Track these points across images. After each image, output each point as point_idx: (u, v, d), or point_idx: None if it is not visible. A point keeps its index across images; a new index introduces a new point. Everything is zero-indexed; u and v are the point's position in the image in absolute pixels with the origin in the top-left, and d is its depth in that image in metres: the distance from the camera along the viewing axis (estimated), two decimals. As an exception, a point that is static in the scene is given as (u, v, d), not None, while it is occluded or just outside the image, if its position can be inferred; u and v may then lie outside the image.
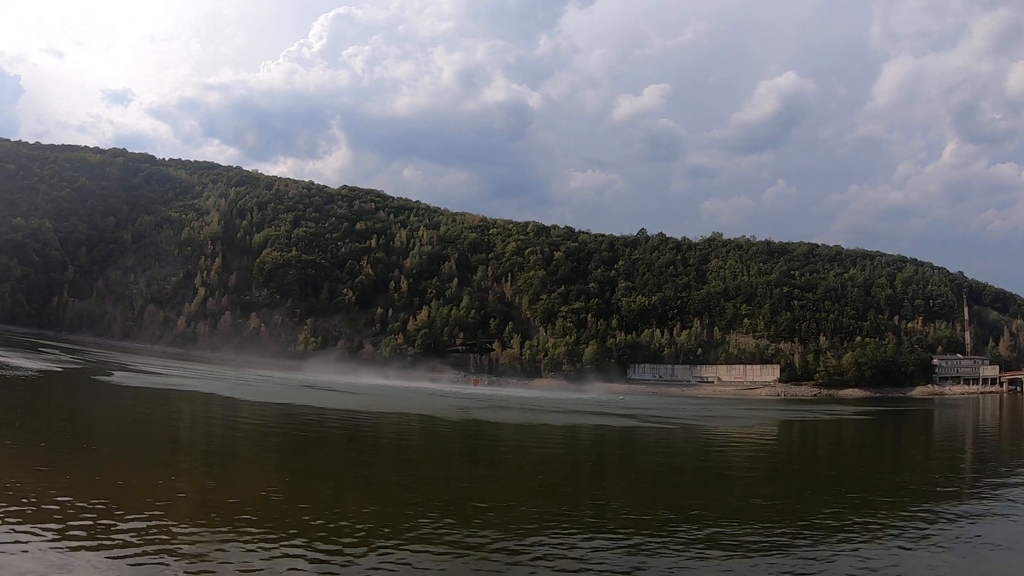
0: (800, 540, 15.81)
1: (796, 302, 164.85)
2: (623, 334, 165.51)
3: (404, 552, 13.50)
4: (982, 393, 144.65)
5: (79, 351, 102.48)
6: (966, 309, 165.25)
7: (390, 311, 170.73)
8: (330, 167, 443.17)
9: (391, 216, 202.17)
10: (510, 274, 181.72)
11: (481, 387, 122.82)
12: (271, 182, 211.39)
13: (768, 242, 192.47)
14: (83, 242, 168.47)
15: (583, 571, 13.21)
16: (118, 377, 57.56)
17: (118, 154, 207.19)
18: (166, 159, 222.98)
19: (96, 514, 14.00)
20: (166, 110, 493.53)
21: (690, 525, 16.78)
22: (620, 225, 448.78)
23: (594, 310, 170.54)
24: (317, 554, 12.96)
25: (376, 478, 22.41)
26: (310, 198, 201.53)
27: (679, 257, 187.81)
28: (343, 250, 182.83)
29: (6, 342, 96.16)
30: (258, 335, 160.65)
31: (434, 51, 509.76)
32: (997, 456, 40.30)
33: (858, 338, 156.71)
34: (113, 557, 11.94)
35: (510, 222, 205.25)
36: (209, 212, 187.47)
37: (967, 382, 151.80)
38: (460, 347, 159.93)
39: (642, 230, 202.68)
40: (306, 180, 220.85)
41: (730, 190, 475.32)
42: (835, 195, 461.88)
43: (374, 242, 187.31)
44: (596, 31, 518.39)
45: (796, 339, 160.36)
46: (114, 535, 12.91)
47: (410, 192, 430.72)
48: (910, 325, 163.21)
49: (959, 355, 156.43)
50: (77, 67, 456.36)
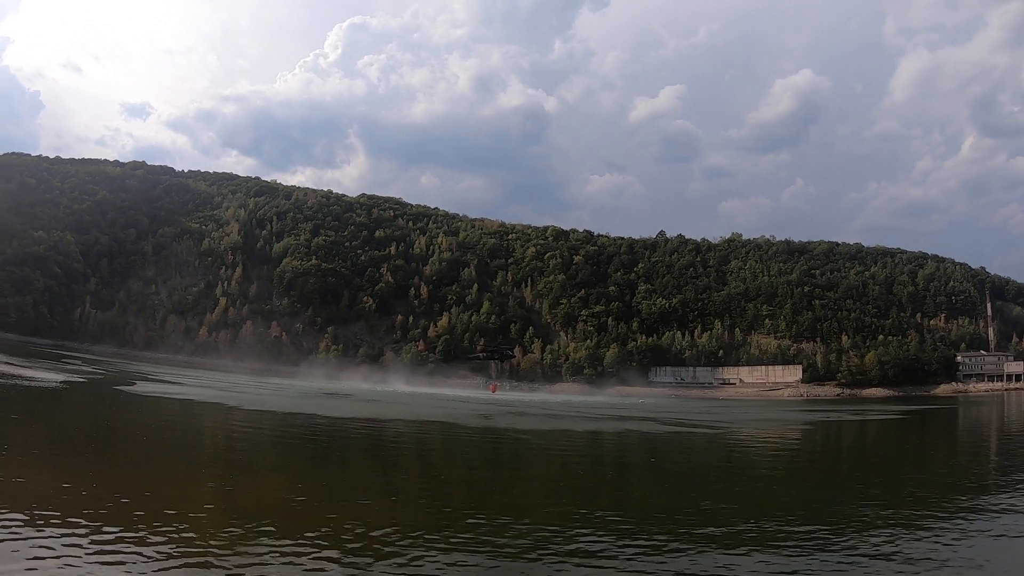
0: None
1: (817, 301, 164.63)
2: (644, 337, 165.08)
3: (428, 556, 13.37)
4: (1007, 390, 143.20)
5: (101, 362, 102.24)
6: (989, 305, 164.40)
7: (410, 318, 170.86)
8: (348, 176, 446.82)
9: (410, 223, 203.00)
10: (530, 279, 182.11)
11: (500, 393, 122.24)
12: (290, 192, 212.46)
13: (788, 242, 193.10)
14: (104, 254, 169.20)
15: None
16: (140, 387, 57.18)
17: (137, 166, 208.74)
18: (185, 171, 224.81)
19: (122, 524, 13.82)
20: (184, 122, 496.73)
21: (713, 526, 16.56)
22: (638, 227, 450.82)
23: (614, 313, 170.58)
24: (342, 560, 12.87)
25: (398, 484, 22.21)
26: (329, 207, 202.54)
27: (698, 259, 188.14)
28: (363, 258, 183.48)
29: (29, 353, 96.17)
30: (279, 344, 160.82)
31: (449, 58, 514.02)
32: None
33: (880, 337, 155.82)
34: (141, 566, 11.85)
35: (529, 227, 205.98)
36: (229, 222, 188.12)
37: (991, 379, 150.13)
38: (481, 354, 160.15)
39: (661, 232, 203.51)
40: (324, 189, 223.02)
41: (748, 190, 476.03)
42: (854, 193, 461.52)
43: (393, 249, 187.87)
44: (610, 34, 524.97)
45: (818, 339, 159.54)
46: (141, 545, 12.77)
47: (428, 199, 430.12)
48: (933, 322, 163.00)
49: (983, 352, 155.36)
50: (96, 81, 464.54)
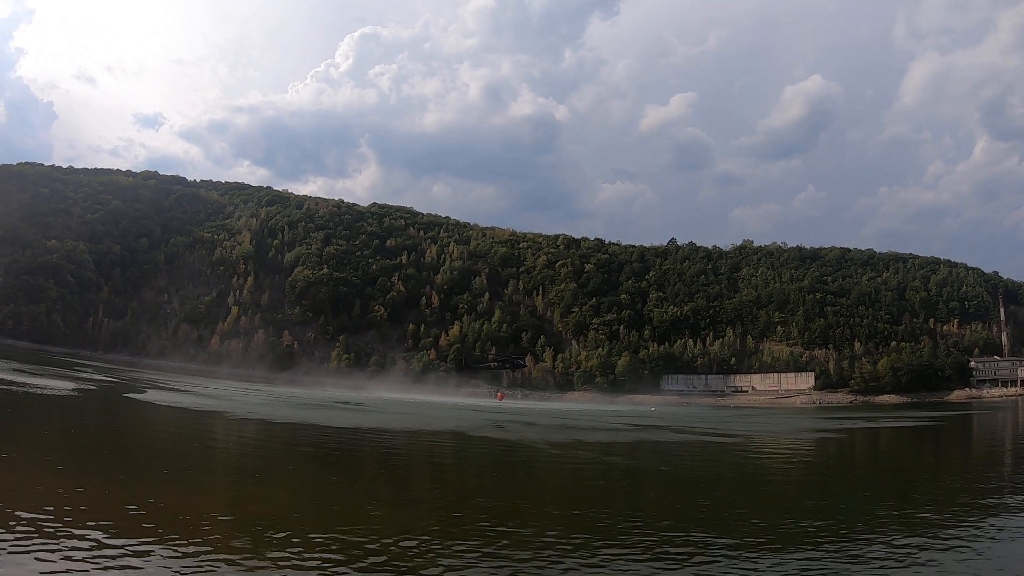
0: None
1: (829, 308, 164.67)
2: (655, 345, 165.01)
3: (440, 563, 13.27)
4: (1021, 395, 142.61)
5: (113, 370, 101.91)
6: (1002, 310, 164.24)
7: (422, 327, 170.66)
8: (360, 185, 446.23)
9: (421, 232, 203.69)
10: (541, 287, 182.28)
11: (508, 401, 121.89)
12: (301, 201, 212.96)
13: (799, 248, 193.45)
14: (117, 263, 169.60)
15: None
16: (151, 395, 56.63)
17: (150, 176, 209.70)
18: (197, 180, 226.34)
19: (130, 533, 13.62)
20: (196, 132, 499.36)
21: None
22: (650, 236, 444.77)
23: (626, 321, 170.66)
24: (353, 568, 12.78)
25: (406, 494, 21.98)
26: (340, 216, 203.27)
27: (710, 266, 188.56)
28: (374, 267, 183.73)
29: (42, 361, 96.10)
30: (291, 353, 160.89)
31: (460, 67, 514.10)
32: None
33: (893, 343, 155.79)
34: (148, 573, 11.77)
35: (540, 235, 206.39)
36: (240, 232, 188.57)
37: (1005, 384, 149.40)
38: (492, 363, 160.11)
39: (672, 240, 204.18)
40: (336, 199, 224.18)
41: (759, 197, 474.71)
42: (865, 198, 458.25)
43: (405, 258, 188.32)
44: (620, 42, 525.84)
45: (830, 346, 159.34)
46: (150, 553, 12.63)
47: (439, 208, 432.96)
48: (946, 328, 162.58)
49: (996, 357, 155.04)
50: (108, 92, 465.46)
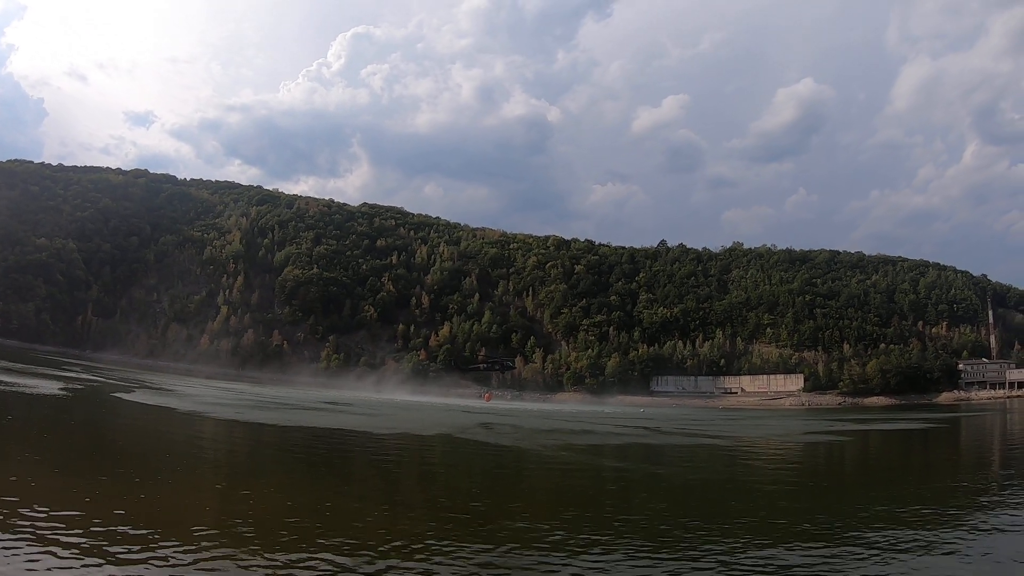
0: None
1: (819, 310, 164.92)
2: (645, 346, 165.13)
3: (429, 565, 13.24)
4: (1009, 397, 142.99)
5: (102, 369, 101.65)
6: (991, 312, 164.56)
7: (412, 327, 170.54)
8: (351, 185, 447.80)
9: (411, 233, 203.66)
10: (531, 288, 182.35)
11: (496, 402, 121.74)
12: (292, 201, 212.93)
13: (789, 250, 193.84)
14: (106, 261, 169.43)
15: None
16: (138, 396, 56.23)
17: (140, 175, 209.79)
18: (187, 179, 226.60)
19: (117, 534, 13.62)
20: (188, 131, 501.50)
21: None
22: (642, 237, 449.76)
23: (616, 323, 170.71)
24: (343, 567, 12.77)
25: (396, 494, 21.98)
26: (331, 216, 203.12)
27: (700, 268, 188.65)
28: (364, 267, 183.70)
29: (30, 360, 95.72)
30: (281, 352, 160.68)
31: (453, 68, 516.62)
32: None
33: (882, 345, 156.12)
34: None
35: (530, 236, 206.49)
36: (231, 231, 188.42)
37: (993, 387, 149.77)
38: (481, 364, 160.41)
39: (662, 241, 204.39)
40: (326, 198, 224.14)
41: (751, 200, 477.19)
42: (857, 202, 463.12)
43: (395, 259, 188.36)
44: (614, 43, 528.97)
45: (820, 348, 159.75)
46: (138, 554, 12.63)
47: (431, 208, 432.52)
48: (934, 330, 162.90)
49: (985, 359, 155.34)
50: (100, 90, 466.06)
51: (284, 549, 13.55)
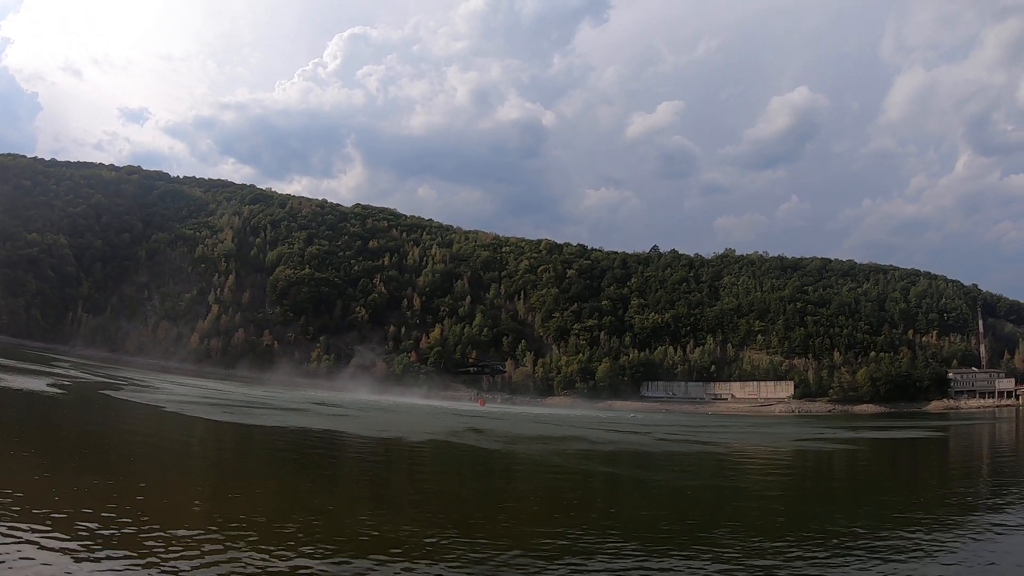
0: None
1: (810, 318, 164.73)
2: (636, 351, 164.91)
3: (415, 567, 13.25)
4: (998, 406, 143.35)
5: (90, 366, 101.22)
6: (981, 322, 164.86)
7: (403, 329, 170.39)
8: (345, 186, 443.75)
9: (404, 234, 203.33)
10: (523, 292, 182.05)
11: (489, 406, 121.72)
12: (284, 200, 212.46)
13: (781, 258, 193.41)
14: (98, 258, 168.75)
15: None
16: (125, 393, 56.26)
17: (133, 171, 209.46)
18: (180, 177, 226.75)
19: (102, 533, 13.64)
20: (182, 128, 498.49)
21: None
22: (634, 243, 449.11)
23: (607, 328, 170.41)
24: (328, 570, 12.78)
25: (384, 495, 22.05)
26: (323, 216, 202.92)
27: (692, 274, 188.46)
28: (356, 268, 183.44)
29: (17, 355, 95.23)
30: (271, 352, 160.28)
31: (448, 70, 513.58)
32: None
33: (872, 353, 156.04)
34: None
35: (523, 240, 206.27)
36: (223, 230, 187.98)
37: (983, 395, 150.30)
38: (471, 368, 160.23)
39: (654, 247, 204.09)
40: (320, 198, 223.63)
41: (744, 206, 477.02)
42: (849, 210, 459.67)
43: (387, 260, 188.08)
44: (609, 49, 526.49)
45: (810, 355, 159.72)
46: (127, 549, 12.70)
47: (425, 210, 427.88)
48: (924, 339, 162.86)
49: (974, 368, 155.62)
50: (94, 85, 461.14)
51: (267, 550, 13.55)
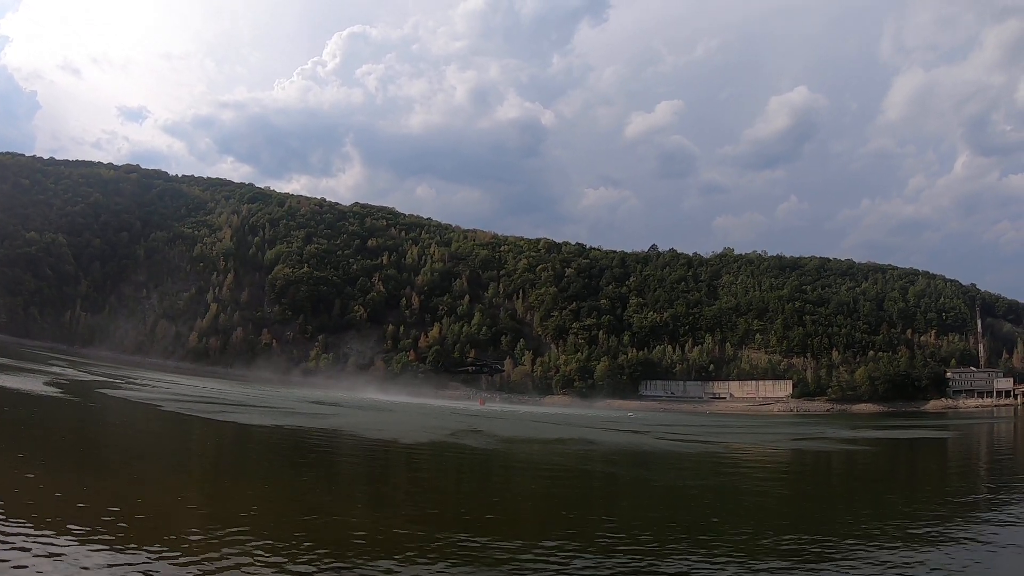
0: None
1: (808, 317, 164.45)
2: (635, 351, 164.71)
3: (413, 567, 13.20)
4: (996, 406, 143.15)
5: (88, 365, 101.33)
6: (979, 322, 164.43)
7: (401, 328, 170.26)
8: (344, 185, 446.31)
9: (403, 233, 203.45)
10: (521, 291, 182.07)
11: (489, 405, 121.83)
12: (283, 199, 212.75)
13: (779, 257, 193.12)
14: (96, 257, 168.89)
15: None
16: (123, 392, 56.36)
17: (131, 170, 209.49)
18: (179, 175, 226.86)
19: (95, 530, 13.60)
20: (181, 127, 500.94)
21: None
22: (633, 242, 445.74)
23: (605, 327, 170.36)
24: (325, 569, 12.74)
25: (382, 495, 21.96)
26: (322, 215, 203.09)
27: (690, 273, 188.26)
28: (355, 267, 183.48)
29: (15, 355, 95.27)
30: (270, 351, 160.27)
31: (447, 70, 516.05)
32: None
33: (871, 352, 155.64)
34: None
35: (521, 239, 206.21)
36: (221, 228, 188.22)
37: (981, 395, 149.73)
38: (469, 367, 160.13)
39: (653, 246, 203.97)
40: (318, 197, 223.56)
41: (743, 206, 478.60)
42: (848, 210, 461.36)
43: (386, 259, 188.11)
44: (609, 49, 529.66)
45: (808, 354, 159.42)
46: (126, 549, 12.64)
47: (424, 210, 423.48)
48: (923, 338, 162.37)
49: (973, 368, 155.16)
50: (93, 84, 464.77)
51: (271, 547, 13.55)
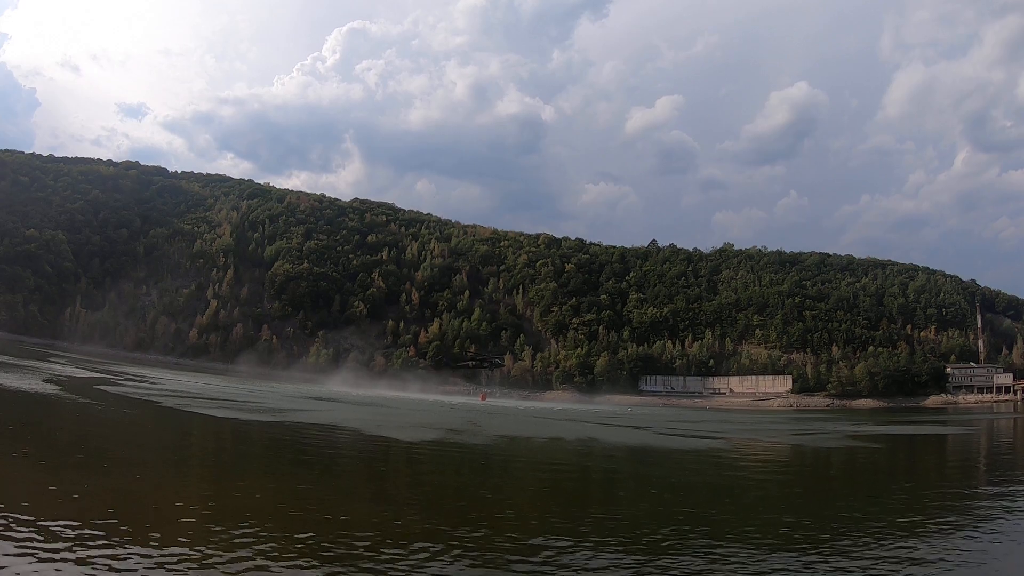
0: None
1: (808, 312, 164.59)
2: (634, 346, 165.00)
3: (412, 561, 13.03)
4: (996, 402, 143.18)
5: (88, 362, 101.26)
6: (979, 317, 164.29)
7: (401, 323, 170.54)
8: (343, 181, 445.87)
9: (402, 229, 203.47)
10: (521, 286, 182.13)
11: (490, 400, 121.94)
12: (283, 195, 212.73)
13: (779, 252, 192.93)
14: (96, 254, 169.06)
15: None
16: (121, 388, 55.18)
17: (131, 167, 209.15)
18: (178, 172, 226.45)
19: (95, 528, 13.12)
20: (180, 124, 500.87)
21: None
22: (632, 239, 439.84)
23: (605, 322, 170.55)
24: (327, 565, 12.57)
25: (384, 490, 21.59)
26: (322, 211, 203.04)
27: (690, 268, 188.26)
28: (354, 263, 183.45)
29: (15, 352, 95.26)
30: (270, 347, 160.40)
31: (447, 65, 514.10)
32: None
33: (871, 348, 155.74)
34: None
35: (521, 234, 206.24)
36: (221, 225, 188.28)
37: (981, 391, 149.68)
38: (469, 362, 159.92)
39: (653, 241, 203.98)
40: (318, 193, 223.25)
41: (742, 202, 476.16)
42: (847, 206, 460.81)
43: (385, 255, 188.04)
44: (609, 45, 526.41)
45: (808, 349, 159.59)
46: (125, 548, 12.19)
47: (423, 206, 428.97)
48: (923, 334, 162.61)
49: (972, 364, 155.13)
50: (93, 81, 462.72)
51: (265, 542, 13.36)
